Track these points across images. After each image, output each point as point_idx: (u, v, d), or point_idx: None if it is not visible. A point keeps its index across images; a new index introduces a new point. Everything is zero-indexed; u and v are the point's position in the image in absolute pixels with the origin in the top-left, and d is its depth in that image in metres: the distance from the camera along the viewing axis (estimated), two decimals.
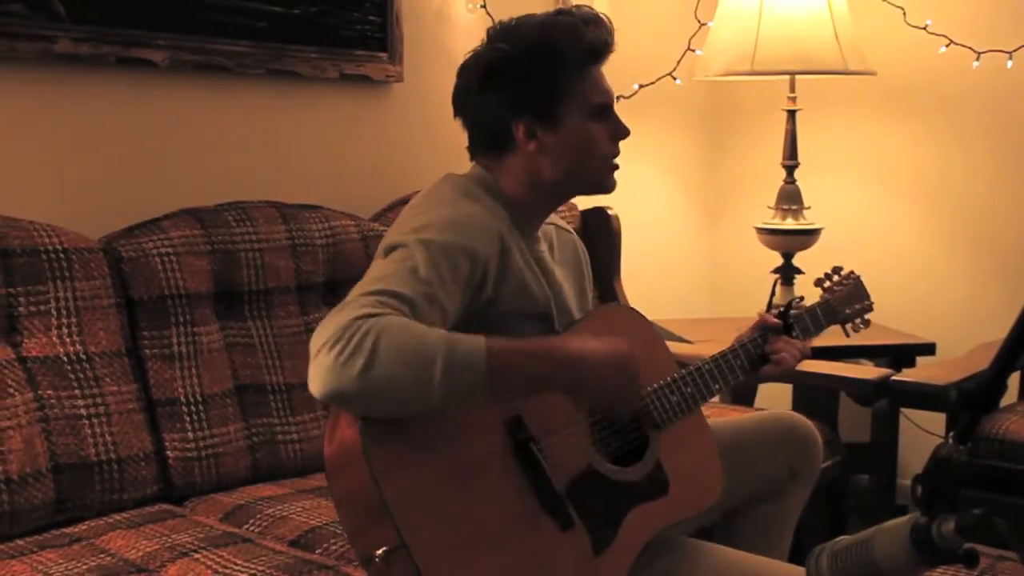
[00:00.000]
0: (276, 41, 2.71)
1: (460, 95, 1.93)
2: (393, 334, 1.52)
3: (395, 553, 1.54)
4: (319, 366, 1.52)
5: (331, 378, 1.51)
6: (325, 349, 1.52)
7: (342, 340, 1.51)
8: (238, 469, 2.30)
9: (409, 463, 1.58)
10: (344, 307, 1.58)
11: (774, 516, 2.22)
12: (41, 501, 2.02)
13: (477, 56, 1.91)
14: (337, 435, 1.62)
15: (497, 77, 1.86)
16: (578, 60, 1.85)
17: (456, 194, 1.84)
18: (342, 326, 1.52)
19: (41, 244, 2.13)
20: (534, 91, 1.84)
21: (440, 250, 1.68)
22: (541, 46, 1.84)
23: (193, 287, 2.30)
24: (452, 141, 3.09)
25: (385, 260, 1.69)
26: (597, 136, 1.88)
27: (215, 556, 1.87)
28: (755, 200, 3.75)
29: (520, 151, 1.86)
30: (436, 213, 1.76)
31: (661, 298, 3.74)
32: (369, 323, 1.52)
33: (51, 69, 2.37)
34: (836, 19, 3.31)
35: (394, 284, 1.62)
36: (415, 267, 1.65)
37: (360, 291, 1.61)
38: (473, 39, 3.16)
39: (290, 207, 2.53)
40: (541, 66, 1.84)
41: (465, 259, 1.72)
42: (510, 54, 1.85)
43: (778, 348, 2.06)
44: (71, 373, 2.12)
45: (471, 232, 1.75)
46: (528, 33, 1.87)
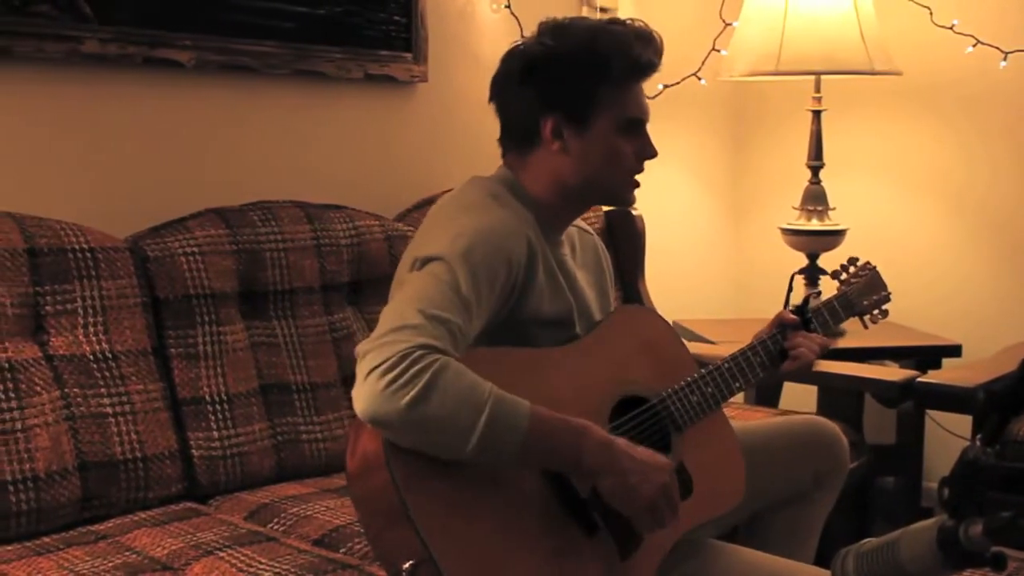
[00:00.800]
0: (301, 41, 2.71)
1: (498, 81, 1.93)
2: (448, 378, 1.52)
3: (422, 567, 1.54)
4: (368, 390, 1.52)
5: (377, 404, 1.51)
6: (378, 373, 1.51)
7: (398, 368, 1.51)
8: (262, 468, 2.30)
9: (432, 474, 1.58)
10: (400, 329, 1.56)
11: (800, 520, 2.21)
12: (67, 499, 2.03)
13: (523, 47, 1.91)
14: (360, 447, 1.62)
15: (537, 71, 1.86)
16: (621, 73, 1.85)
17: (485, 197, 1.83)
18: (400, 353, 1.52)
19: (68, 243, 2.15)
20: (570, 92, 1.84)
21: (479, 262, 1.68)
22: (587, 51, 1.84)
23: (218, 286, 2.30)
24: (476, 141, 3.11)
25: (424, 274, 1.68)
26: (623, 150, 1.87)
27: (240, 555, 1.88)
28: (780, 201, 3.73)
29: (544, 149, 1.86)
30: (468, 221, 1.75)
31: (685, 298, 3.73)
32: (429, 359, 1.52)
33: (78, 69, 2.38)
34: (862, 19, 3.30)
35: (441, 307, 1.61)
36: (457, 284, 1.64)
37: (412, 311, 1.59)
38: (497, 39, 3.19)
39: (315, 207, 2.54)
40: (582, 70, 1.83)
41: (502, 267, 1.72)
42: (555, 51, 1.85)
43: (797, 343, 2.05)
44: (97, 372, 2.13)
45: (504, 238, 1.75)
46: (577, 35, 1.86)
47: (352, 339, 2.48)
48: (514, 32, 3.14)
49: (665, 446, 1.87)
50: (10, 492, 1.96)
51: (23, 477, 1.98)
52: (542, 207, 1.88)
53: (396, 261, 2.53)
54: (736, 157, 4.09)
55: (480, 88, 3.15)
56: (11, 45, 2.24)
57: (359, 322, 2.52)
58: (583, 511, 1.70)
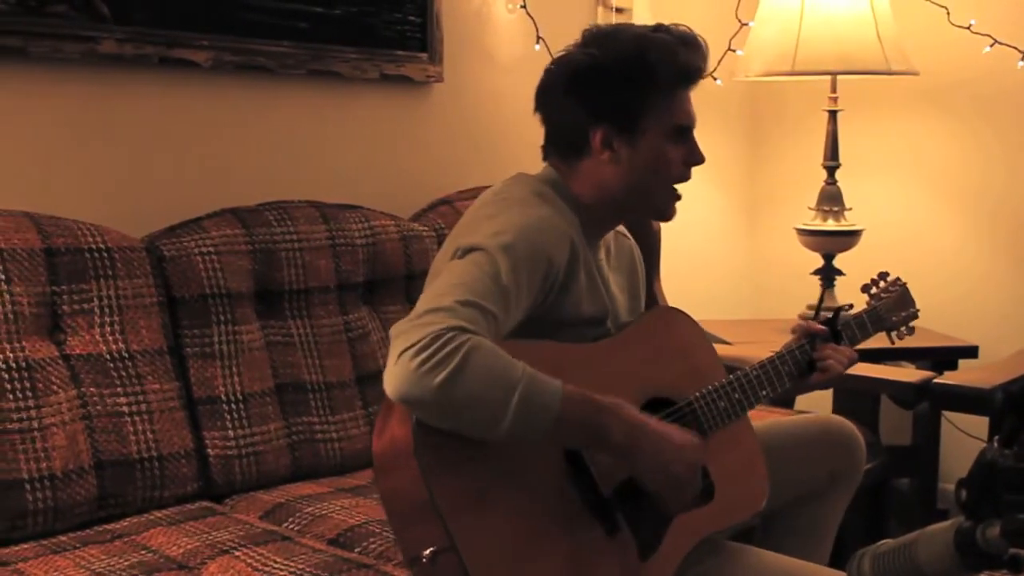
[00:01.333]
0: (317, 41, 2.72)
1: (544, 92, 1.92)
2: (481, 355, 1.52)
3: (443, 554, 1.54)
4: (401, 370, 1.51)
5: (410, 384, 1.51)
6: (410, 354, 1.51)
7: (430, 348, 1.50)
8: (278, 467, 2.31)
9: (459, 464, 1.58)
10: (434, 311, 1.56)
11: (815, 520, 2.21)
12: (84, 497, 2.04)
13: (567, 57, 1.89)
14: (388, 432, 1.62)
15: (583, 82, 1.84)
16: (668, 80, 1.84)
17: (529, 195, 1.83)
18: (432, 334, 1.51)
19: (85, 243, 2.15)
20: (618, 102, 1.83)
21: (521, 257, 1.68)
22: (634, 59, 1.82)
23: (234, 286, 2.31)
24: (492, 141, 3.12)
25: (464, 262, 1.68)
26: (672, 158, 1.86)
27: (255, 554, 1.88)
28: (796, 201, 3.73)
29: (593, 158, 1.85)
30: (513, 217, 1.75)
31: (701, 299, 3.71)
32: (461, 338, 1.52)
33: (95, 70, 2.39)
34: (879, 19, 3.29)
35: (481, 295, 1.61)
36: (497, 274, 1.64)
37: (448, 295, 1.60)
38: (513, 39, 3.20)
39: (330, 207, 2.54)
40: (630, 79, 1.82)
41: (542, 264, 1.72)
42: (600, 61, 1.84)
43: (826, 355, 2.04)
44: (114, 371, 2.14)
45: (548, 236, 1.75)
46: (622, 43, 1.85)
47: (367, 339, 2.48)
48: (530, 32, 3.15)
49: None
50: (27, 491, 1.97)
51: (40, 476, 1.98)
52: (586, 211, 1.87)
53: (411, 261, 2.56)
54: (752, 157, 4.08)
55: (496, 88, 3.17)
56: (28, 45, 2.25)
57: (374, 322, 2.53)
58: (606, 511, 1.70)
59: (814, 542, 2.21)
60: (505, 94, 3.15)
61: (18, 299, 2.04)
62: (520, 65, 3.16)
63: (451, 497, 1.56)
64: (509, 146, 3.10)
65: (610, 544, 1.70)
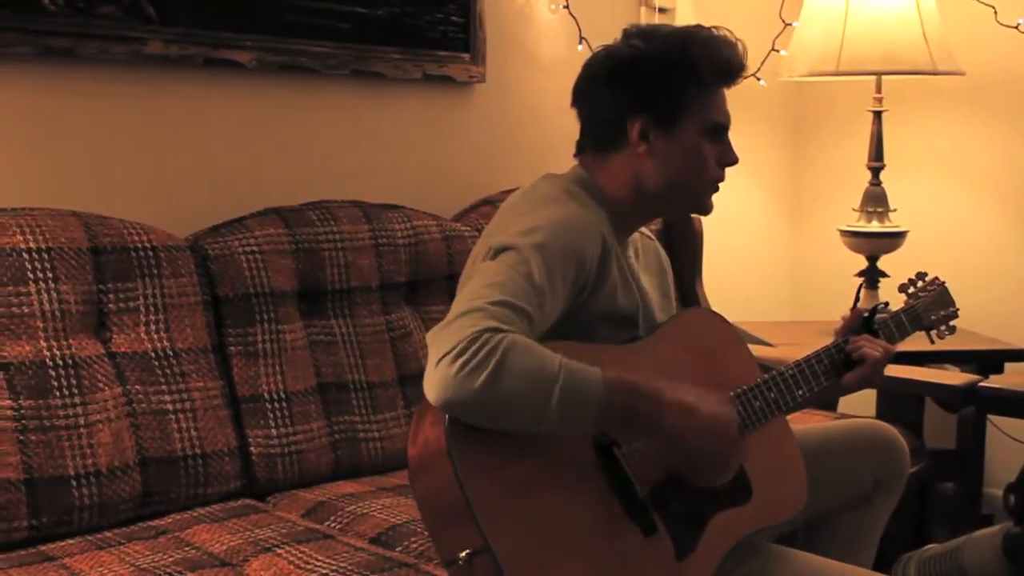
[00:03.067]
0: (360, 42, 2.73)
1: (582, 85, 1.93)
2: (519, 353, 1.52)
3: (478, 556, 1.54)
4: (441, 375, 1.52)
5: (451, 388, 1.51)
6: (449, 359, 1.51)
7: (468, 352, 1.51)
8: (320, 466, 2.32)
9: (493, 465, 1.58)
10: (468, 314, 1.57)
11: (859, 525, 2.19)
12: (128, 494, 2.06)
13: (609, 49, 1.91)
14: (421, 435, 1.62)
15: (625, 72, 1.86)
16: (711, 75, 1.85)
17: (560, 192, 1.84)
18: (468, 337, 1.52)
19: (130, 242, 2.17)
20: (659, 93, 1.84)
21: (553, 254, 1.68)
22: (678, 52, 1.84)
23: (277, 285, 2.32)
24: (535, 141, 3.12)
25: (497, 263, 1.68)
26: (707, 156, 1.87)
27: (297, 552, 1.89)
28: (840, 202, 3.70)
29: (629, 151, 1.86)
30: (544, 214, 1.75)
31: (743, 300, 3.70)
32: (497, 338, 1.52)
33: (141, 70, 2.41)
34: (924, 18, 3.26)
35: (514, 294, 1.61)
36: (530, 273, 1.65)
37: (481, 297, 1.60)
38: (556, 39, 3.19)
39: (373, 207, 2.55)
40: (673, 71, 1.83)
41: (575, 262, 1.72)
42: (644, 53, 1.85)
43: (859, 344, 2.01)
44: (158, 369, 2.16)
45: (579, 233, 1.75)
46: (667, 38, 1.87)
47: (409, 338, 2.49)
48: (572, 32, 3.14)
49: None
50: (73, 487, 1.99)
51: (86, 472, 2.00)
52: (616, 208, 1.87)
53: (453, 261, 2.57)
54: (795, 158, 4.06)
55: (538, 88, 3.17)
56: (76, 46, 2.28)
57: (416, 321, 2.53)
58: (642, 511, 1.69)
59: (858, 547, 2.20)
60: (547, 94, 3.15)
61: (65, 297, 2.06)
62: (562, 66, 3.15)
63: (485, 498, 1.56)
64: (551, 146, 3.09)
65: (647, 545, 1.70)
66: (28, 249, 2.04)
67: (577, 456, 1.66)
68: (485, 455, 1.57)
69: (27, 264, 2.03)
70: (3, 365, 1.98)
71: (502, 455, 1.59)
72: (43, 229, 2.08)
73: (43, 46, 2.24)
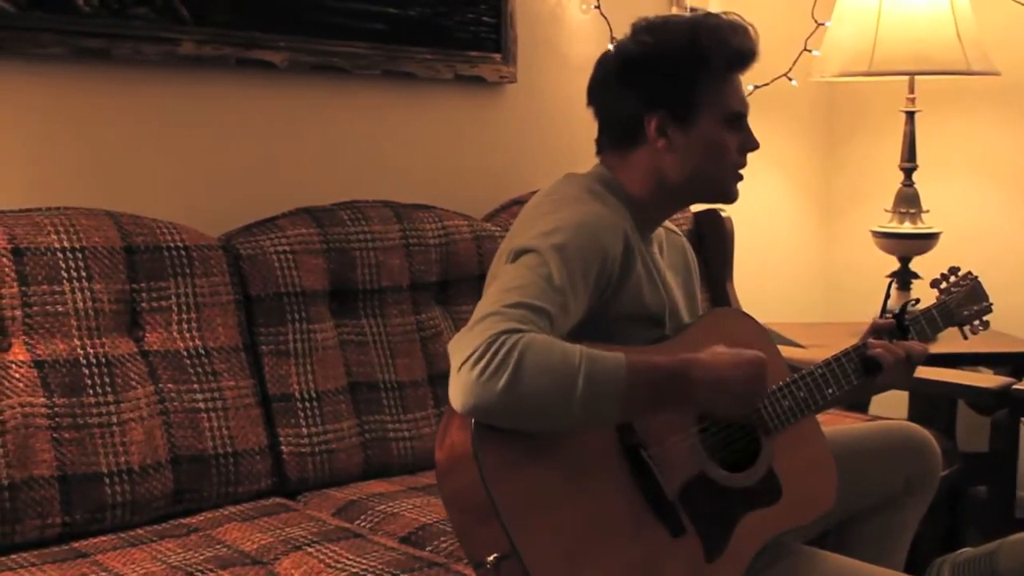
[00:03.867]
0: (392, 42, 2.74)
1: (596, 84, 1.93)
2: (537, 350, 1.52)
3: (506, 561, 1.54)
4: (462, 381, 1.52)
5: (474, 393, 1.52)
6: (469, 364, 1.52)
7: (487, 355, 1.51)
8: (350, 465, 2.33)
9: (520, 468, 1.58)
10: (485, 319, 1.57)
11: (890, 527, 2.18)
12: (160, 492, 2.07)
13: (619, 47, 1.90)
14: (448, 439, 1.62)
15: (637, 69, 1.85)
16: (722, 64, 1.84)
17: (581, 192, 1.83)
18: (486, 341, 1.52)
19: (163, 241, 2.19)
20: (672, 88, 1.83)
21: (573, 255, 1.68)
22: (687, 44, 1.83)
23: (309, 285, 2.33)
24: (565, 142, 3.11)
25: (517, 266, 1.68)
26: (727, 144, 1.86)
27: (327, 550, 1.90)
28: (872, 203, 3.68)
29: (648, 147, 1.85)
30: (565, 215, 1.75)
31: (774, 301, 3.69)
32: (514, 339, 1.52)
33: (174, 71, 2.43)
34: (959, 18, 3.23)
35: (532, 296, 1.61)
36: (550, 275, 1.64)
37: (498, 301, 1.60)
38: (587, 40, 3.19)
39: (404, 207, 2.56)
40: (684, 64, 1.83)
41: (596, 262, 1.72)
42: (653, 48, 1.84)
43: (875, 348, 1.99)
44: (190, 367, 2.17)
45: (601, 233, 1.74)
46: (675, 30, 1.86)
47: (440, 338, 2.49)
48: (604, 33, 3.14)
49: (755, 450, 1.85)
50: (106, 484, 2.00)
51: (118, 470, 2.02)
52: (638, 205, 1.87)
53: (485, 261, 2.57)
54: (827, 158, 4.04)
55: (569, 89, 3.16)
56: (110, 47, 2.30)
57: (447, 321, 2.54)
58: (671, 512, 1.69)
59: (889, 550, 2.18)
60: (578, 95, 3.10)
61: (99, 296, 2.08)
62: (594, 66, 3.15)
63: (512, 500, 1.56)
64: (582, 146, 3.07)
65: (675, 546, 1.69)
66: (63, 248, 2.06)
67: (604, 458, 1.66)
68: (512, 458, 1.57)
69: (61, 263, 2.05)
70: (38, 363, 1.99)
71: (528, 458, 1.58)
72: (77, 228, 2.09)
73: (78, 47, 2.26)
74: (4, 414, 1.93)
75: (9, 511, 1.91)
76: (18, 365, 1.98)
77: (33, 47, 2.20)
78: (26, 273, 2.01)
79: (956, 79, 3.45)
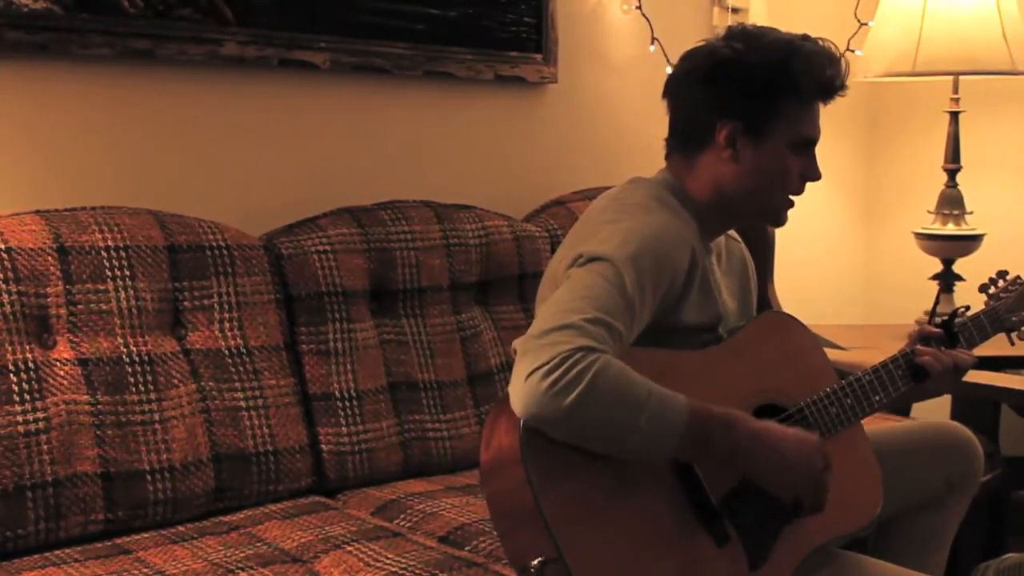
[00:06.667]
0: (433, 43, 2.74)
1: (678, 79, 1.91)
2: (610, 377, 1.53)
3: (551, 565, 1.54)
4: (531, 390, 1.53)
5: (541, 403, 1.52)
6: (540, 374, 1.52)
7: (560, 369, 1.51)
8: (389, 464, 2.33)
9: (567, 473, 1.58)
10: (563, 329, 1.56)
11: (931, 529, 2.16)
12: (202, 489, 2.09)
13: (709, 47, 1.88)
14: (495, 441, 1.63)
15: (723, 74, 1.83)
16: (809, 92, 1.83)
17: (649, 200, 1.82)
18: (561, 355, 1.52)
19: (206, 241, 2.20)
20: (754, 101, 1.81)
21: (647, 268, 1.68)
22: (781, 63, 1.81)
23: (350, 284, 2.34)
24: (606, 142, 3.11)
25: (589, 272, 1.67)
26: (791, 169, 1.85)
27: (367, 549, 1.90)
28: (914, 204, 3.64)
29: (713, 154, 1.84)
30: (636, 223, 1.75)
31: (815, 303, 3.66)
32: (590, 359, 1.52)
33: (217, 71, 2.44)
34: (1004, 17, 3.20)
35: (609, 312, 1.61)
36: (623, 287, 1.64)
37: (576, 311, 1.59)
38: (628, 40, 3.18)
39: (444, 207, 2.56)
40: (772, 81, 1.81)
41: (667, 276, 1.72)
42: (745, 57, 1.82)
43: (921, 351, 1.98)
44: (232, 366, 2.18)
45: (671, 245, 1.74)
46: (770, 45, 1.83)
47: (479, 338, 2.49)
48: (644, 33, 3.13)
49: None
50: (148, 481, 2.02)
51: (160, 467, 2.04)
52: (702, 213, 1.86)
53: (524, 261, 2.57)
54: (870, 159, 4.01)
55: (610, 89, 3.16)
56: (155, 48, 2.31)
57: (486, 321, 2.54)
58: (715, 521, 1.68)
59: (929, 552, 2.16)
60: (619, 95, 3.14)
61: (142, 295, 2.09)
62: (634, 66, 3.15)
63: (558, 506, 1.56)
64: (623, 147, 3.09)
65: (719, 554, 1.69)
66: (107, 247, 2.08)
67: (652, 465, 1.66)
68: (559, 464, 1.57)
69: (105, 262, 2.07)
70: (82, 361, 2.01)
71: (575, 464, 1.59)
72: (121, 227, 2.11)
73: (123, 47, 2.28)
74: (49, 411, 1.95)
75: (53, 507, 1.93)
76: (63, 363, 2.00)
77: (80, 48, 2.23)
78: (71, 271, 2.03)
79: (1001, 79, 3.41)
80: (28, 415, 1.93)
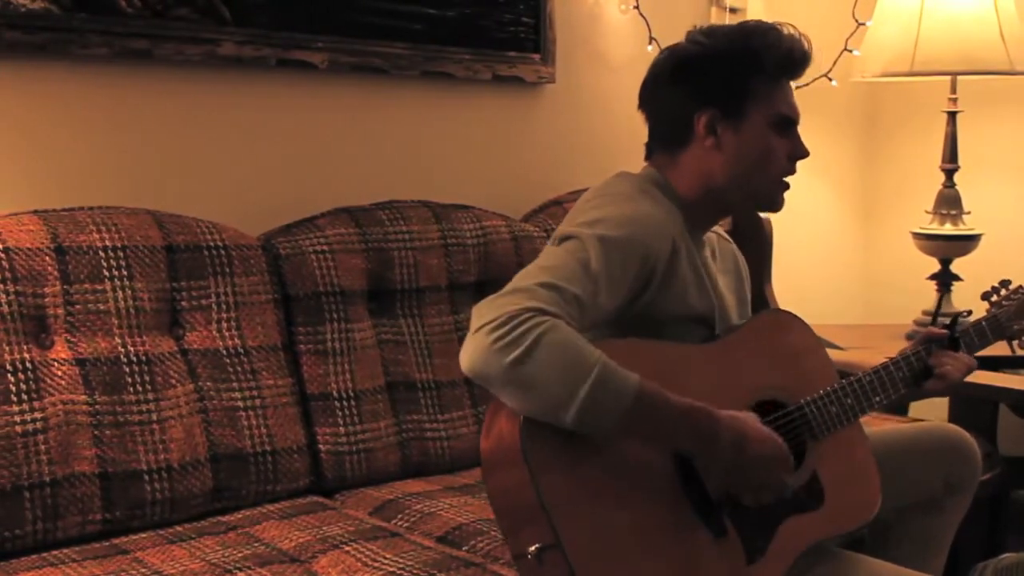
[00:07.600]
0: (431, 43, 2.74)
1: (648, 86, 1.94)
2: (556, 340, 1.53)
3: (548, 552, 1.55)
4: (475, 343, 1.55)
5: (482, 359, 1.54)
6: (487, 329, 1.54)
7: (506, 327, 1.53)
8: (388, 464, 2.33)
9: (566, 462, 1.58)
10: (515, 292, 1.59)
11: (930, 529, 2.16)
12: (199, 489, 2.09)
13: (674, 48, 1.92)
14: (495, 429, 1.63)
15: (689, 69, 1.87)
16: (774, 66, 1.85)
17: (633, 191, 1.84)
18: (510, 313, 1.54)
19: (203, 241, 2.20)
20: (724, 85, 1.84)
21: (613, 246, 1.69)
22: (740, 45, 1.85)
23: (347, 284, 2.34)
24: (604, 142, 3.11)
25: (557, 249, 1.70)
26: (776, 149, 1.86)
27: (365, 549, 1.90)
28: (912, 204, 3.64)
29: (697, 147, 1.86)
30: (613, 208, 1.76)
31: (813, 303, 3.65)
32: (537, 319, 1.53)
33: (214, 71, 2.44)
34: (1002, 17, 3.20)
35: (566, 280, 1.62)
36: (586, 260, 1.65)
37: (533, 278, 1.62)
38: (626, 40, 3.19)
39: (442, 207, 2.56)
40: (736, 63, 1.84)
41: (636, 257, 1.72)
42: (707, 48, 1.87)
43: (943, 361, 2.00)
44: (230, 366, 2.18)
45: (646, 230, 1.75)
46: (729, 32, 1.89)
47: None
48: (642, 33, 3.13)
49: (799, 454, 1.84)
50: (145, 481, 2.02)
51: (158, 467, 2.04)
52: (689, 206, 1.87)
53: (522, 261, 2.57)
54: (867, 159, 4.01)
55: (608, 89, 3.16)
56: (152, 48, 2.31)
57: None
58: (713, 514, 1.69)
59: (928, 552, 2.17)
60: (617, 95, 3.14)
61: (139, 295, 2.09)
62: (632, 66, 3.14)
63: (558, 494, 1.56)
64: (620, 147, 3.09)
65: (716, 547, 1.69)
66: (105, 247, 2.08)
67: (650, 455, 1.66)
68: (559, 452, 1.58)
69: (103, 262, 2.07)
70: (79, 360, 2.01)
71: (575, 452, 1.59)
72: (119, 227, 2.11)
73: (121, 47, 2.28)
74: (47, 411, 1.95)
75: (51, 507, 1.93)
76: (60, 363, 2.00)
77: (77, 48, 2.23)
78: (68, 271, 2.03)
79: (999, 79, 3.41)
80: (26, 415, 1.93)
